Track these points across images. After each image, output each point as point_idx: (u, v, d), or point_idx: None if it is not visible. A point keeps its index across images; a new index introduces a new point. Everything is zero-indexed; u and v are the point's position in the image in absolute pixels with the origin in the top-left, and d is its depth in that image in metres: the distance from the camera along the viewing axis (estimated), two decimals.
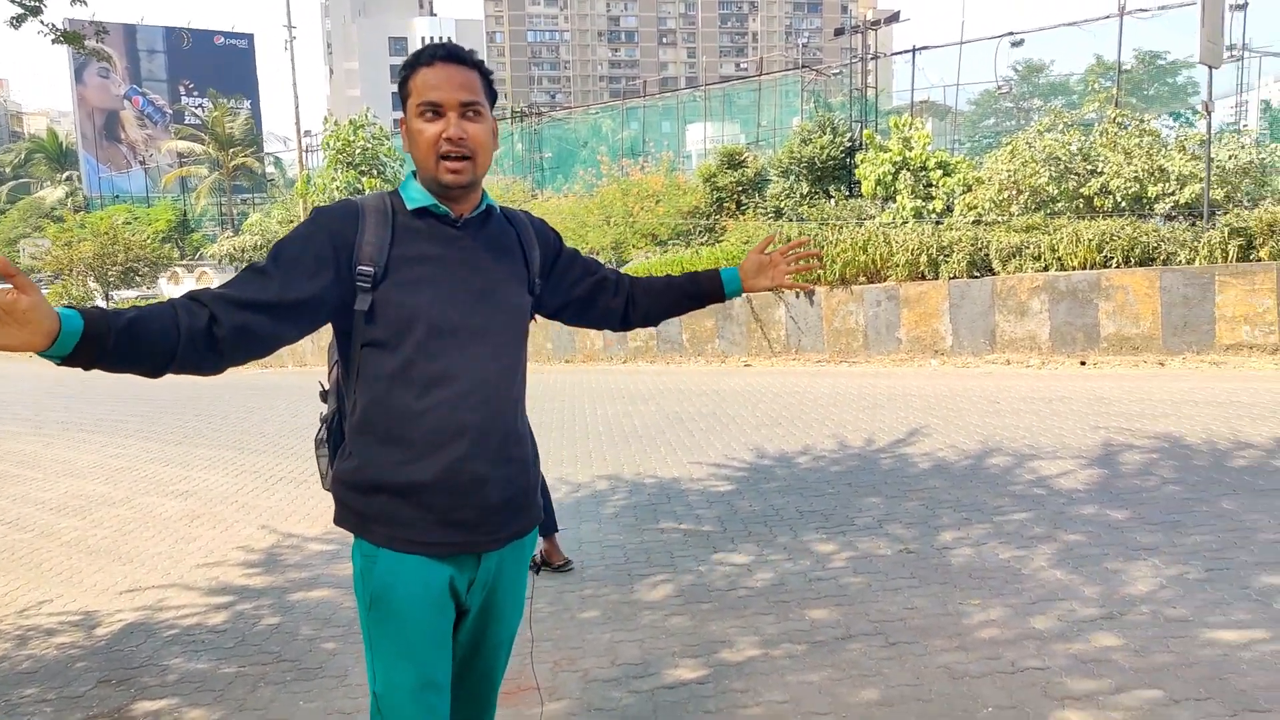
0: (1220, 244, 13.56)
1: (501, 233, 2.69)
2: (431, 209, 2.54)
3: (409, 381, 2.46)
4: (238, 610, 6.12)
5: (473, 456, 2.49)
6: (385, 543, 2.49)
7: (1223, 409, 10.16)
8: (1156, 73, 35.76)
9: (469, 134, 2.48)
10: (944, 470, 8.32)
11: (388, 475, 2.48)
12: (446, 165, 2.48)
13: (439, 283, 2.49)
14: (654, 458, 9.74)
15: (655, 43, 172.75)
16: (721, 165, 31.09)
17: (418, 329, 2.45)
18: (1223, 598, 5.08)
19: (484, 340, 2.53)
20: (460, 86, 2.48)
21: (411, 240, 2.51)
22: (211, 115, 63.82)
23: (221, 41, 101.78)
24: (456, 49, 2.53)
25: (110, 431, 14.74)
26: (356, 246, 2.45)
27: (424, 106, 2.47)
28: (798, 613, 5.29)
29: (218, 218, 63.68)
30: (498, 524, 2.57)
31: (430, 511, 2.48)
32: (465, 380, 2.48)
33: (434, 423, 2.46)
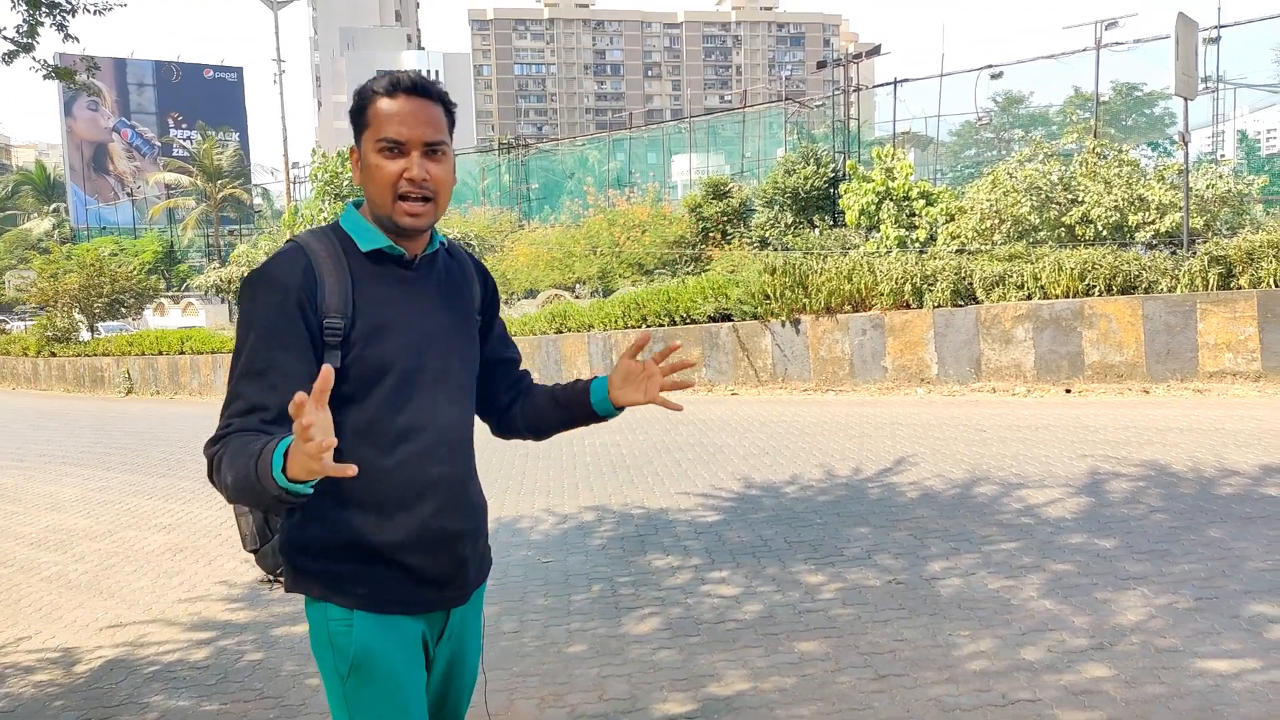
0: (1201, 272, 13.58)
1: (450, 270, 2.54)
2: (386, 250, 2.37)
3: (376, 437, 2.30)
4: (220, 646, 6.03)
5: (443, 512, 2.38)
6: (362, 605, 2.32)
7: (1208, 436, 10.14)
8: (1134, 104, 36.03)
9: (432, 175, 2.32)
10: (932, 499, 8.27)
11: (359, 537, 2.31)
12: (405, 207, 2.31)
13: (404, 329, 2.35)
14: (641, 488, 9.67)
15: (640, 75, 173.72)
16: (707, 196, 31.20)
17: (387, 380, 2.30)
18: (1213, 627, 5.03)
19: (445, 386, 2.41)
20: (426, 123, 2.31)
21: (370, 285, 2.34)
22: (200, 147, 64.00)
23: (211, 75, 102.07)
24: (422, 81, 2.36)
25: (93, 464, 14.59)
26: (320, 300, 2.26)
27: (385, 143, 2.30)
28: (787, 645, 5.22)
29: (205, 249, 63.71)
30: (466, 578, 2.47)
31: (405, 570, 2.34)
32: (432, 431, 2.36)
33: (403, 480, 2.33)
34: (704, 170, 38.87)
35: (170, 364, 30.26)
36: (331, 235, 2.38)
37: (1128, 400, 13.30)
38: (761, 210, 29.89)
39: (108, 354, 33.06)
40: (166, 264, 61.14)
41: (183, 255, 64.03)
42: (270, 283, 2.25)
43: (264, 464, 1.97)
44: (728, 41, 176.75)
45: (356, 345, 2.27)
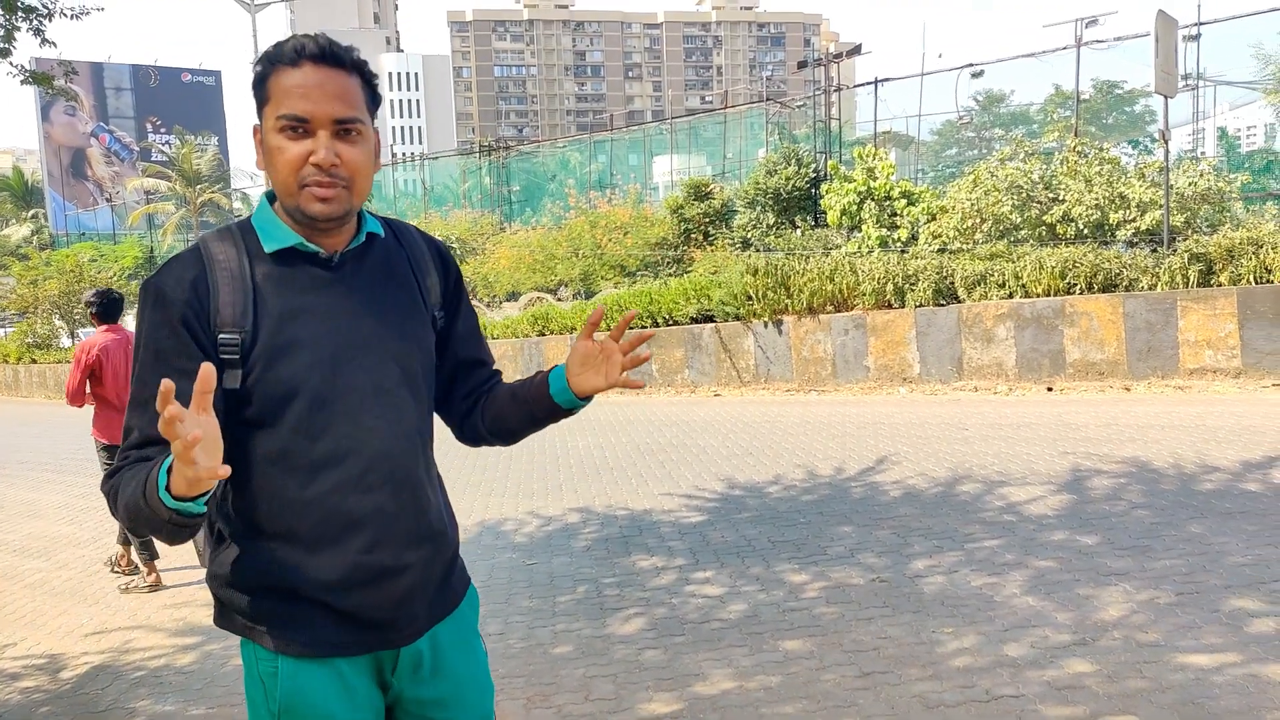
0: (1181, 269, 13.66)
1: (388, 260, 2.20)
2: (298, 248, 2.07)
3: (290, 468, 2.03)
4: (206, 650, 6.04)
5: (377, 546, 2.08)
6: (283, 648, 2.08)
7: (1188, 433, 10.21)
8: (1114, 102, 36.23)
9: (343, 159, 1.99)
10: (914, 498, 8.31)
11: (276, 576, 2.06)
12: (315, 192, 1.98)
13: (317, 342, 2.03)
14: (625, 489, 9.70)
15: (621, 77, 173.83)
16: (688, 197, 31.19)
17: (297, 404, 2.01)
18: (1194, 621, 5.08)
19: (381, 402, 2.09)
20: (334, 97, 1.98)
21: (277, 292, 2.04)
22: (179, 152, 63.71)
23: (189, 79, 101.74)
24: (331, 45, 2.01)
25: (76, 471, 14.49)
26: (213, 312, 1.99)
27: (286, 121, 1.97)
28: (771, 644, 5.26)
29: None
30: (413, 616, 2.16)
31: (332, 611, 2.07)
32: (359, 458, 2.06)
33: (325, 513, 2.04)
34: (685, 171, 38.86)
35: None
36: (237, 234, 2.10)
37: (1109, 398, 13.37)
38: (743, 211, 29.91)
39: None
40: (146, 270, 60.73)
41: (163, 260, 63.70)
42: (156, 298, 2.01)
43: (150, 485, 1.79)
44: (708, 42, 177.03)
45: (258, 364, 2.00)
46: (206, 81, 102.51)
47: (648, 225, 32.01)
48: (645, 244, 30.66)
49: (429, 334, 2.25)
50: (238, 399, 2.01)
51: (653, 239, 30.82)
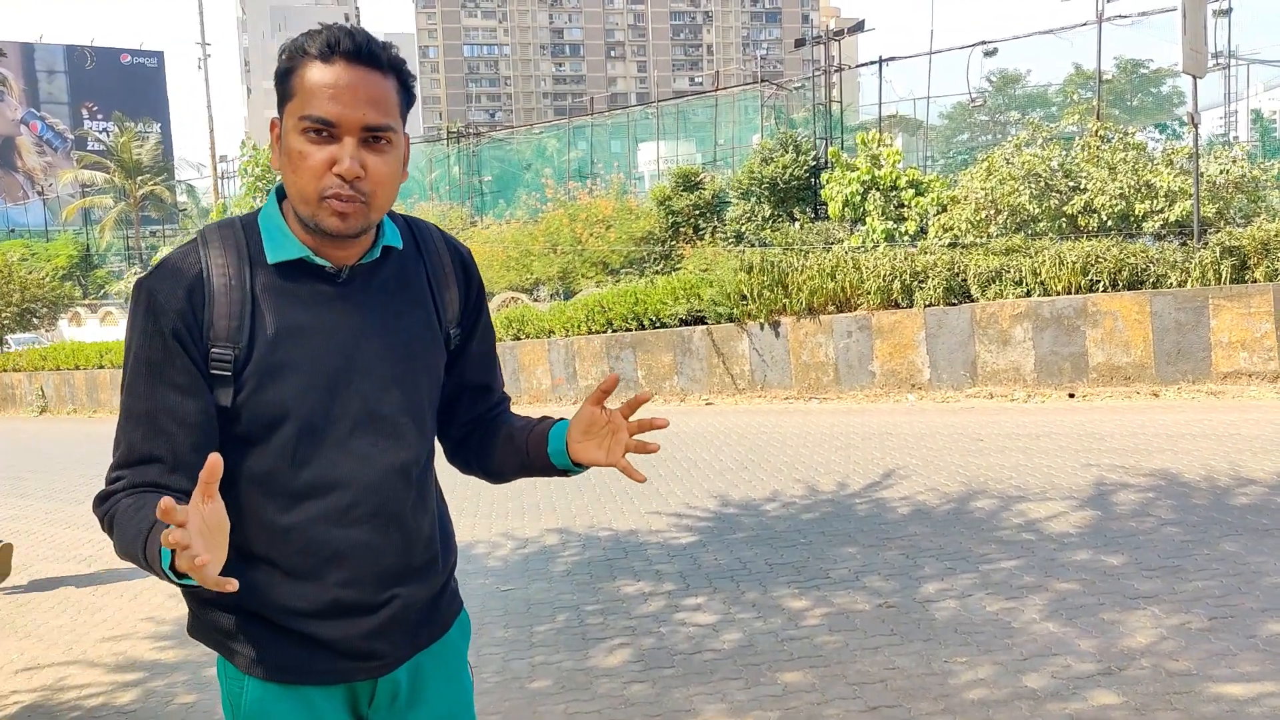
0: (1213, 264, 13.70)
1: (404, 276, 2.18)
2: (305, 261, 2.05)
3: (272, 492, 2.04)
4: (148, 688, 6.00)
5: (357, 582, 2.09)
6: (250, 669, 2.11)
7: (1222, 442, 10.24)
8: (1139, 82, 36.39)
9: (369, 170, 1.95)
10: (925, 516, 8.32)
11: (254, 599, 2.07)
12: (335, 206, 1.94)
13: (312, 365, 2.03)
14: (609, 508, 9.68)
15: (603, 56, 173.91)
16: (676, 187, 31.23)
17: (285, 429, 2.01)
18: (1228, 648, 5.09)
19: (375, 430, 2.09)
20: (366, 101, 1.94)
21: (275, 307, 2.02)
22: (117, 140, 63.46)
23: (129, 60, 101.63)
24: (369, 42, 1.96)
25: (5, 491, 14.41)
26: (206, 324, 1.99)
27: (311, 123, 1.93)
28: (769, 676, 5.25)
29: (124, 252, 63.24)
30: (391, 647, 2.16)
31: (304, 639, 2.09)
32: (346, 490, 2.06)
33: (304, 544, 2.05)
34: (673, 159, 38.92)
35: (88, 379, 30.01)
36: (241, 235, 2.07)
37: (1136, 404, 13.41)
38: (737, 202, 29.98)
39: (19, 369, 32.77)
40: (82, 269, 60.67)
41: (100, 259, 63.54)
42: (148, 304, 2.00)
43: (152, 550, 1.81)
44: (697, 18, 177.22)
45: (249, 383, 2.00)
46: (148, 63, 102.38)
47: (632, 218, 32.02)
48: (630, 239, 30.66)
49: (440, 356, 2.25)
50: (226, 416, 2.02)
51: (638, 233, 30.84)
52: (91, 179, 66.08)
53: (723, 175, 34.18)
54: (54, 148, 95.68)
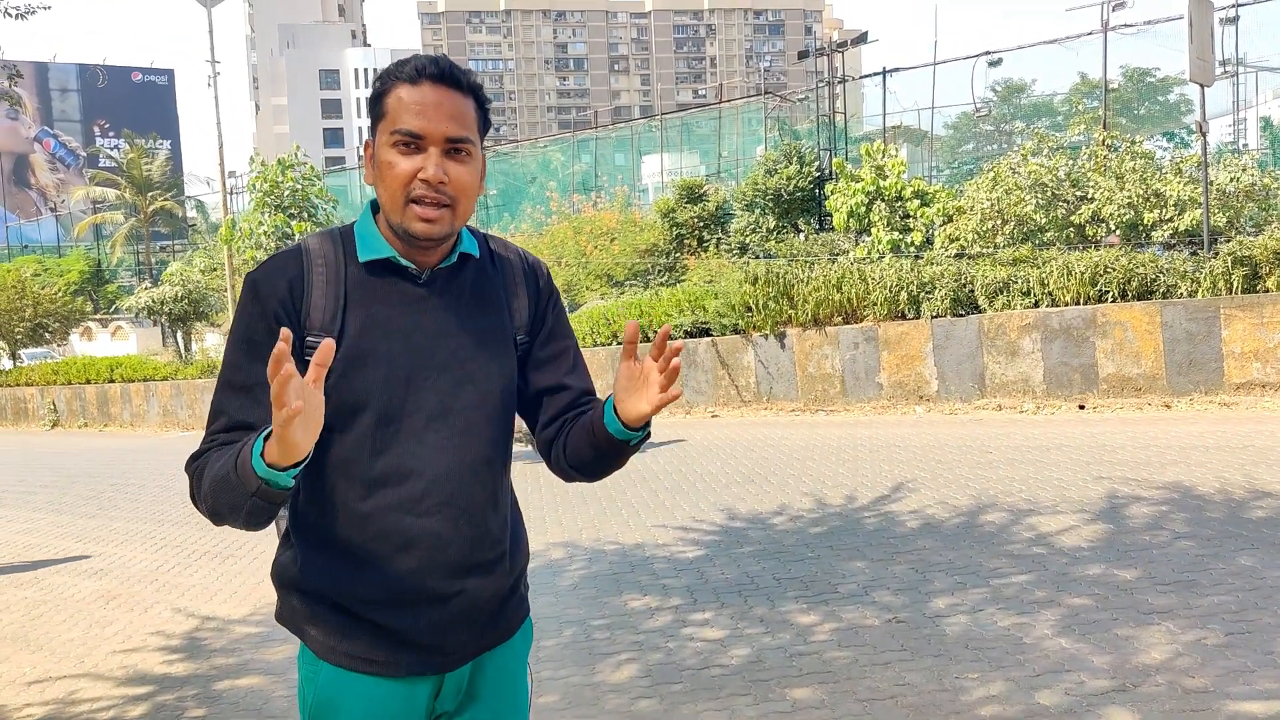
0: (1223, 274, 13.65)
1: (479, 282, 2.39)
2: (390, 261, 2.27)
3: (352, 478, 2.23)
4: (158, 702, 5.99)
5: (427, 571, 2.25)
6: (325, 655, 2.29)
7: (1236, 454, 10.19)
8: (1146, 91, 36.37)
9: (451, 177, 2.19)
10: (934, 529, 8.27)
11: (327, 583, 2.27)
12: (418, 211, 2.17)
13: (393, 357, 2.22)
14: (615, 521, 9.65)
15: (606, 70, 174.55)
16: (680, 199, 31.27)
17: (364, 417, 2.20)
18: (1245, 665, 5.03)
19: (449, 424, 2.26)
20: (450, 117, 2.19)
21: (363, 302, 2.25)
22: (128, 157, 63.71)
23: (140, 78, 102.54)
24: (451, 67, 2.23)
25: (16, 504, 14.55)
26: (305, 313, 2.22)
27: (400, 136, 2.18)
28: (778, 692, 5.20)
29: (135, 267, 63.51)
30: (459, 643, 2.32)
31: (376, 628, 2.27)
32: (421, 478, 2.23)
33: (379, 529, 2.23)
34: (677, 172, 38.99)
35: (99, 393, 30.17)
36: (338, 239, 2.32)
37: (1147, 416, 13.36)
38: (741, 214, 30.00)
39: (31, 384, 32.98)
40: (94, 284, 60.90)
41: (111, 275, 63.83)
42: (253, 290, 2.24)
43: (244, 455, 1.99)
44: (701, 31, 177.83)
45: (336, 371, 2.14)
46: (159, 81, 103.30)
47: (636, 230, 32.07)
48: (634, 251, 30.68)
49: (511, 359, 2.41)
50: None
51: (642, 245, 30.87)
52: (103, 195, 66.41)
53: (727, 187, 34.21)
54: (66, 165, 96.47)
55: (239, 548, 10.01)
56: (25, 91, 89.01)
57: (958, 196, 23.33)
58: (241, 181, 45.39)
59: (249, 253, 31.14)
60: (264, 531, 2.23)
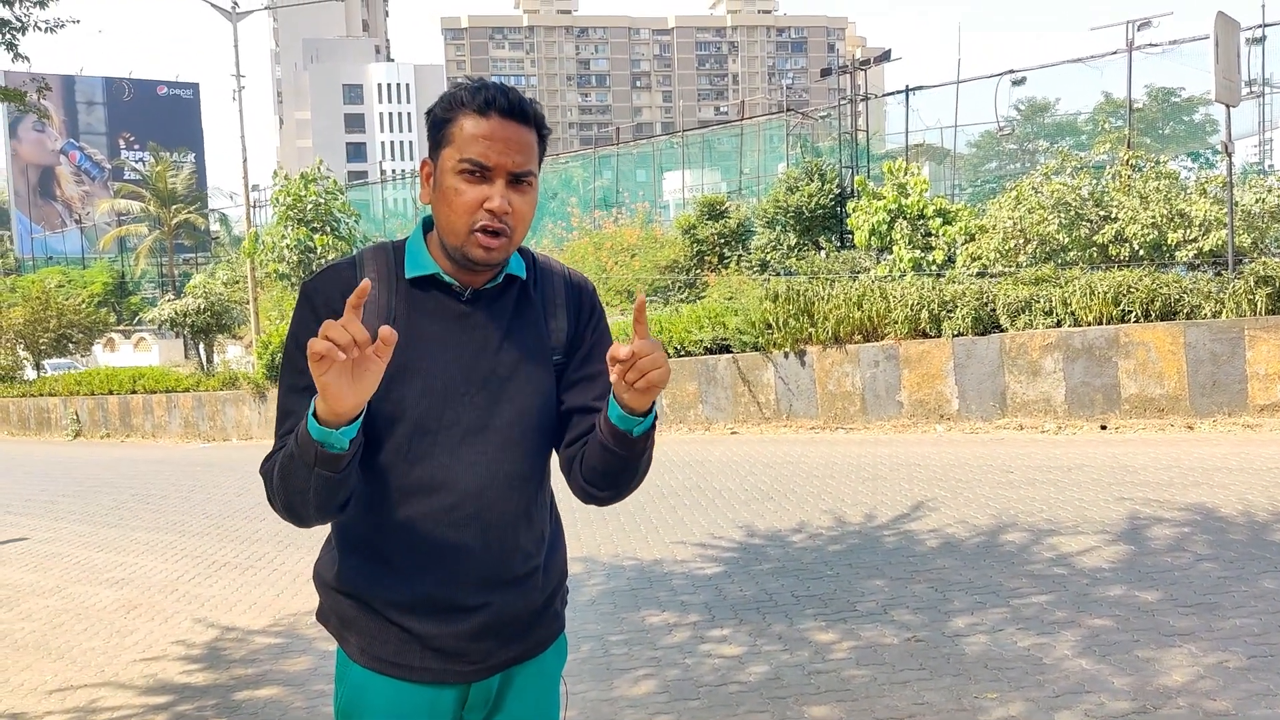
0: (1248, 294, 13.59)
1: (522, 303, 2.42)
2: (436, 278, 2.33)
3: (387, 486, 2.29)
4: (178, 711, 6.02)
5: (454, 582, 2.31)
6: (356, 657, 2.38)
7: (1259, 476, 10.14)
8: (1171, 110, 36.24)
9: (514, 208, 2.25)
10: (954, 549, 8.24)
11: (359, 586, 2.36)
12: (480, 239, 2.23)
13: (433, 371, 2.29)
14: (633, 537, 9.65)
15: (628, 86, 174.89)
16: (701, 216, 31.29)
17: (400, 427, 2.26)
18: (1268, 688, 5.01)
19: (484, 440, 2.31)
20: (518, 150, 2.25)
21: (408, 315, 2.31)
22: (153, 170, 64.15)
23: (165, 92, 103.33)
24: (519, 100, 2.29)
25: (40, 514, 14.68)
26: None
27: (468, 165, 2.22)
28: (796, 710, 5.19)
29: (158, 279, 63.89)
30: (485, 653, 2.37)
31: (405, 633, 2.33)
32: (453, 490, 2.28)
33: (411, 540, 2.30)
34: (698, 188, 39.02)
35: (121, 404, 30.34)
36: (390, 254, 2.39)
37: (1170, 437, 13.30)
38: (762, 231, 29.99)
39: (54, 394, 33.25)
40: (117, 296, 61.33)
41: (135, 286, 64.27)
42: (308, 298, 2.33)
43: (301, 426, 2.06)
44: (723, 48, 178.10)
45: (382, 382, 2.14)
46: (184, 94, 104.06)
47: (657, 247, 32.11)
48: (654, 267, 30.71)
49: (550, 379, 2.43)
50: (367, 413, 2.19)
51: (663, 262, 30.89)
52: (127, 208, 66.82)
53: (748, 204, 34.22)
54: (91, 177, 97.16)
55: (259, 559, 10.05)
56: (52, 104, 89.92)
57: (980, 215, 23.29)
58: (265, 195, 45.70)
59: (271, 266, 31.31)
60: (282, 545, 2.28)
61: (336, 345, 1.90)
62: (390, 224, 51.55)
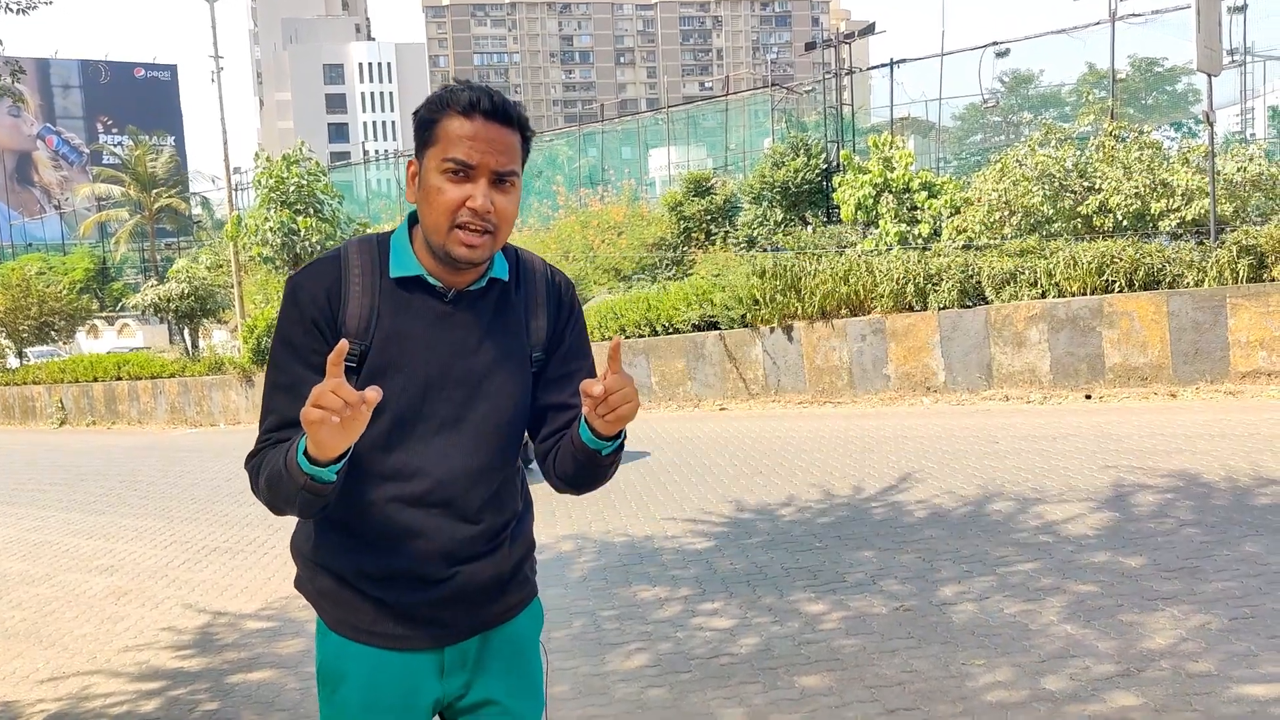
0: (1230, 263, 13.66)
1: (503, 304, 2.51)
2: (419, 279, 2.40)
3: (368, 472, 2.38)
4: (171, 696, 6.05)
5: (423, 559, 2.42)
6: (334, 625, 2.50)
7: (1241, 442, 10.22)
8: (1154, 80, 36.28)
9: (497, 207, 2.31)
10: (941, 519, 8.31)
11: (335, 560, 2.48)
12: (462, 237, 2.30)
13: (413, 368, 2.38)
14: (624, 513, 9.70)
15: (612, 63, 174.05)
16: (687, 192, 31.25)
17: (382, 419, 2.33)
18: (1249, 649, 5.08)
19: (459, 433, 2.43)
20: (501, 150, 2.32)
21: (392, 314, 2.39)
22: (132, 154, 63.67)
23: (142, 74, 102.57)
24: (503, 102, 2.34)
25: (28, 502, 14.66)
26: (341, 320, 2.37)
27: (451, 164, 2.29)
28: (787, 680, 5.25)
29: (140, 265, 63.56)
30: (456, 618, 2.48)
31: (378, 603, 2.45)
32: (425, 477, 2.40)
33: (384, 518, 2.40)
34: (684, 165, 38.93)
35: (106, 391, 30.23)
36: (375, 251, 2.44)
37: (1153, 405, 13.39)
38: (748, 207, 29.98)
39: (38, 382, 33.09)
40: (99, 282, 61.02)
41: (117, 272, 63.93)
42: (294, 296, 2.40)
43: (291, 453, 2.17)
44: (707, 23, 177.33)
45: (364, 377, 2.33)
46: (161, 77, 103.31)
47: (644, 224, 32.06)
48: (641, 245, 30.69)
49: (525, 377, 2.54)
50: None
51: (649, 239, 30.87)
52: (107, 193, 66.30)
53: (734, 180, 34.19)
54: (70, 162, 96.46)
55: (249, 544, 10.08)
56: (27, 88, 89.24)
57: (965, 188, 23.32)
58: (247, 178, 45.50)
59: (255, 249, 31.17)
60: (272, 529, 2.43)
61: (329, 411, 2.01)
62: (374, 205, 51.38)
